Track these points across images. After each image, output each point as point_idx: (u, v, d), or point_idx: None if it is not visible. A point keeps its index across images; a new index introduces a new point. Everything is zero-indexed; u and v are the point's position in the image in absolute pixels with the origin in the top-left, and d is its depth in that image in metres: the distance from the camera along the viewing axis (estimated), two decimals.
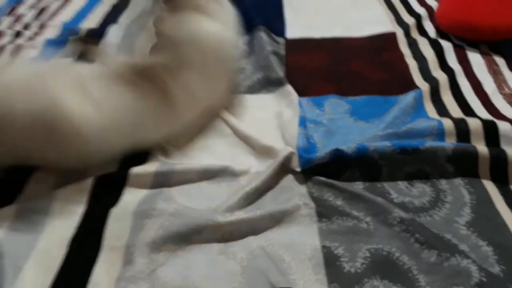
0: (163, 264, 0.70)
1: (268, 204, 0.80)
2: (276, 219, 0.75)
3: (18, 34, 1.36)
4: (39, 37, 1.35)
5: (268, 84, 1.11)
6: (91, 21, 1.45)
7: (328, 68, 1.19)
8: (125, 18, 1.45)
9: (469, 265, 0.66)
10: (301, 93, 1.06)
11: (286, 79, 1.10)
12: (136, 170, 0.83)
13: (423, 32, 1.30)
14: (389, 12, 1.45)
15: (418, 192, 0.81)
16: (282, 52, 1.24)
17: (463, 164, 0.83)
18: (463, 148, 0.83)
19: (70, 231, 0.75)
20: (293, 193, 0.81)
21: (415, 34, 1.31)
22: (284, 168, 0.85)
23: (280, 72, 1.12)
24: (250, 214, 0.75)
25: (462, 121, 0.90)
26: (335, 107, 1.03)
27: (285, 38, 1.31)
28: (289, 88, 1.07)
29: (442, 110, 1.01)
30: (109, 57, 0.98)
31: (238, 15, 1.43)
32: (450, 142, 0.86)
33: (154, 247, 0.71)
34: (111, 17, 1.47)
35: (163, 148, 0.90)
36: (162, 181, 0.83)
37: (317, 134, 0.93)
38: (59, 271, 0.69)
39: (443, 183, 0.82)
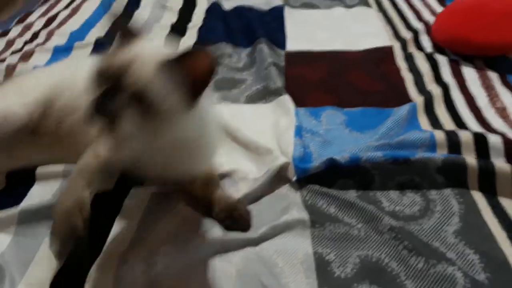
0: (160, 265, 0.73)
1: (264, 213, 0.82)
2: (272, 224, 0.78)
3: (26, 42, 1.41)
4: (48, 43, 1.39)
5: (267, 94, 1.15)
6: (99, 30, 1.50)
7: (326, 80, 1.22)
8: None
9: (454, 272, 0.69)
10: (299, 103, 1.10)
11: (285, 90, 1.14)
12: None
13: (419, 46, 1.34)
14: (387, 26, 1.49)
15: (408, 201, 0.84)
16: (282, 63, 1.28)
17: (452, 175, 0.86)
18: (452, 159, 0.86)
19: None
20: (289, 201, 0.84)
21: (411, 48, 1.34)
22: (280, 176, 0.88)
23: (279, 83, 1.16)
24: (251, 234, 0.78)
25: (454, 133, 0.93)
26: (331, 118, 1.07)
27: (286, 51, 1.35)
28: (286, 98, 1.10)
29: (435, 123, 1.04)
30: None
31: (241, 28, 1.48)
32: (440, 154, 0.89)
33: (153, 248, 0.74)
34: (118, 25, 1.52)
35: None
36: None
37: (313, 144, 0.97)
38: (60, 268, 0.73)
39: (433, 193, 0.85)
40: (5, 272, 0.71)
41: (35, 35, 1.45)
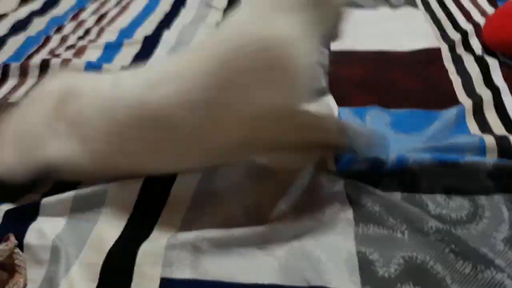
0: (206, 252, 0.75)
1: (307, 208, 0.82)
2: (316, 219, 0.79)
3: (79, 38, 1.48)
4: (99, 40, 1.46)
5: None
6: (147, 28, 1.55)
7: (370, 80, 1.21)
8: (177, 25, 1.54)
9: (504, 278, 0.67)
10: (342, 103, 1.10)
11: (328, 89, 1.14)
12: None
13: (468, 48, 1.30)
14: (434, 27, 1.46)
15: (456, 205, 0.82)
16: (326, 62, 1.28)
17: (503, 180, 0.83)
18: (504, 164, 0.84)
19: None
20: (333, 198, 0.84)
21: (460, 50, 1.31)
22: (322, 169, 0.88)
23: (322, 82, 1.16)
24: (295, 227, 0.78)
25: (504, 138, 0.90)
26: (376, 119, 1.06)
27: (329, 50, 1.35)
28: (329, 98, 1.10)
29: (484, 127, 1.01)
30: None
31: None
32: (491, 158, 0.86)
33: (199, 236, 0.77)
34: (165, 23, 1.57)
35: None
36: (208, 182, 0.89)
37: None
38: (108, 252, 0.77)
39: (482, 199, 0.83)
40: (61, 252, 0.76)
41: (87, 32, 1.52)
